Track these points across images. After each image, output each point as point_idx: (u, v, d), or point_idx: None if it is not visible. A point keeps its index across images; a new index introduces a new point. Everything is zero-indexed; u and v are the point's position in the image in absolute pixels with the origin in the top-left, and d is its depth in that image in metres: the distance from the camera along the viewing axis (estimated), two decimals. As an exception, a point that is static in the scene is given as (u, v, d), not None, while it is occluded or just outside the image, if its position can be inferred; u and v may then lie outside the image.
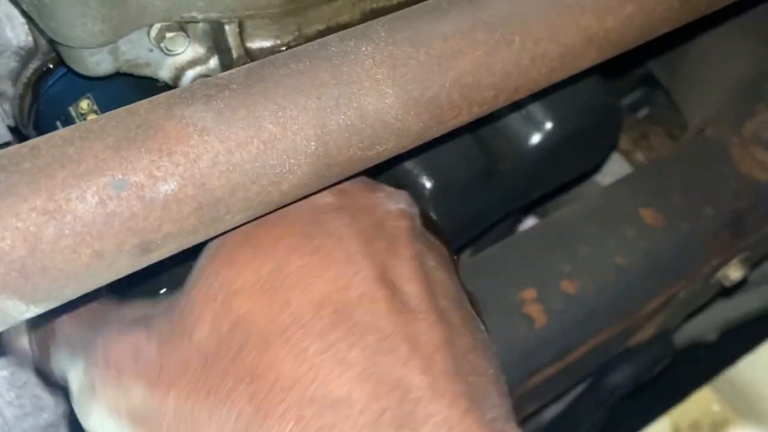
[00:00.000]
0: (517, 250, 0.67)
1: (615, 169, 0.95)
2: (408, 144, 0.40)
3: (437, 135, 0.42)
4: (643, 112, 1.08)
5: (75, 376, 0.38)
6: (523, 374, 0.62)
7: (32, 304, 0.33)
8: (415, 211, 0.42)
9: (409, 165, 0.54)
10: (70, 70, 0.51)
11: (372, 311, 0.35)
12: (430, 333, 0.36)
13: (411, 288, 0.37)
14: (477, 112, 0.42)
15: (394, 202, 0.41)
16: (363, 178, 0.42)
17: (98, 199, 0.32)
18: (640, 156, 1.00)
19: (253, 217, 0.38)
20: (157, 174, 0.33)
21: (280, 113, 0.35)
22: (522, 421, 0.74)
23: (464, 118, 0.41)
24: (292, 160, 0.36)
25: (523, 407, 0.69)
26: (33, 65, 0.57)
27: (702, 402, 1.28)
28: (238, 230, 0.37)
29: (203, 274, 0.37)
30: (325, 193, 0.39)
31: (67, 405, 0.40)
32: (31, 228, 0.31)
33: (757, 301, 1.22)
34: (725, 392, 1.29)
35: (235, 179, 0.35)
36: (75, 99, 0.53)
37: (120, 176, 0.32)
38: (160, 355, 0.36)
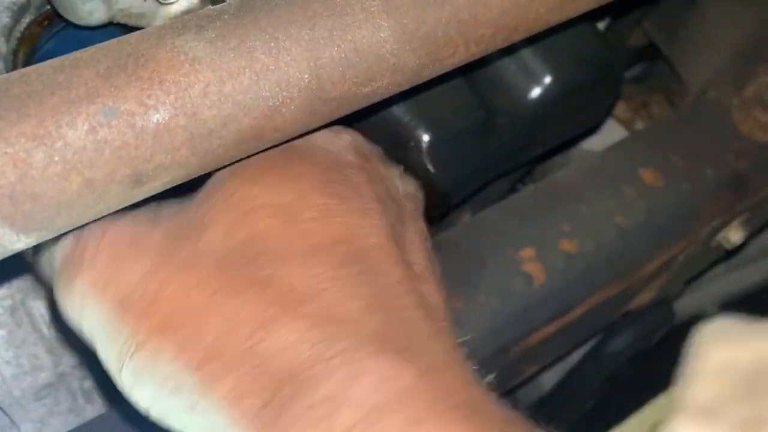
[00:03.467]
0: (516, 210, 0.66)
1: (614, 138, 0.94)
2: (404, 82, 0.40)
3: (433, 74, 0.41)
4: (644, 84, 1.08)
5: (61, 249, 0.36)
6: (522, 331, 0.62)
7: (23, 233, 0.32)
8: (421, 197, 0.46)
9: (406, 117, 0.53)
10: (67, 24, 0.50)
11: (383, 260, 0.36)
12: (434, 296, 0.38)
13: (417, 257, 0.40)
14: (474, 51, 0.41)
15: (405, 183, 0.45)
16: (379, 150, 0.44)
17: (89, 126, 0.32)
18: (640, 125, 0.99)
19: (246, 154, 0.37)
20: (147, 102, 0.33)
21: (272, 44, 0.35)
22: (520, 384, 0.74)
23: (461, 57, 0.41)
24: (285, 93, 0.35)
25: (522, 368, 0.69)
26: (26, 20, 0.57)
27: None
28: (262, 155, 0.38)
29: (222, 184, 0.37)
30: (346, 150, 0.41)
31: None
32: (21, 153, 0.31)
33: (757, 275, 1.22)
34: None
35: (227, 110, 0.34)
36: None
37: (110, 104, 0.32)
38: (164, 245, 0.35)
